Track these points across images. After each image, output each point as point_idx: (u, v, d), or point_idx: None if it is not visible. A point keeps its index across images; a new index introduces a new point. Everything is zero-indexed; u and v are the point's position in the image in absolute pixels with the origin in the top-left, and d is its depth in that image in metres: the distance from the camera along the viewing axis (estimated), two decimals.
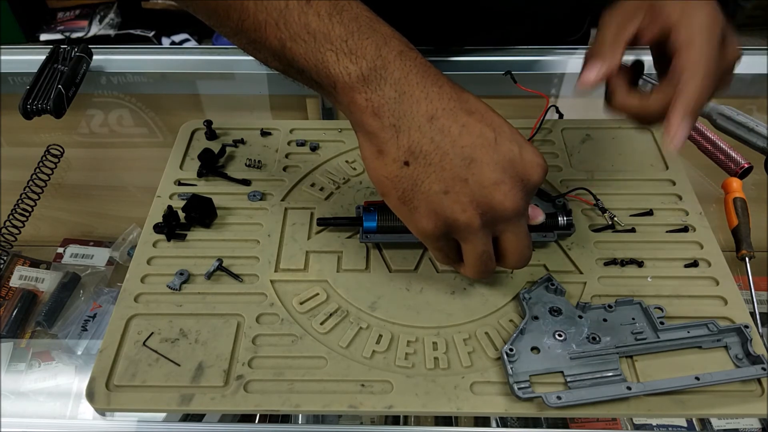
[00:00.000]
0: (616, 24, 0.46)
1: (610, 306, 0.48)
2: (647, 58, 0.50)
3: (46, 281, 0.60)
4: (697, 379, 0.44)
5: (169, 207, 0.55)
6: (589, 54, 0.47)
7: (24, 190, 0.64)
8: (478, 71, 0.78)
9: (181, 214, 0.56)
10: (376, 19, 0.40)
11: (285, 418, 0.53)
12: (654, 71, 0.49)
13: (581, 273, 0.52)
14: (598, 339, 0.46)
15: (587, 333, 0.47)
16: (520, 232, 0.43)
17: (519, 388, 0.44)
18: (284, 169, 0.61)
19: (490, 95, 0.78)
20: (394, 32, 0.40)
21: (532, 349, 0.46)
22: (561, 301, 0.49)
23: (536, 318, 0.48)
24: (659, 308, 0.48)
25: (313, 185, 0.60)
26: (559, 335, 0.47)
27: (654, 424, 0.63)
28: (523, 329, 0.47)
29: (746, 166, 0.60)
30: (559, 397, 0.43)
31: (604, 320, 0.48)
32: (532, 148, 0.41)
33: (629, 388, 0.43)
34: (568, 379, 0.44)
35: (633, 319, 0.48)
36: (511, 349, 0.45)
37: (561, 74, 0.78)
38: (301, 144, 0.64)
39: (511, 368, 0.45)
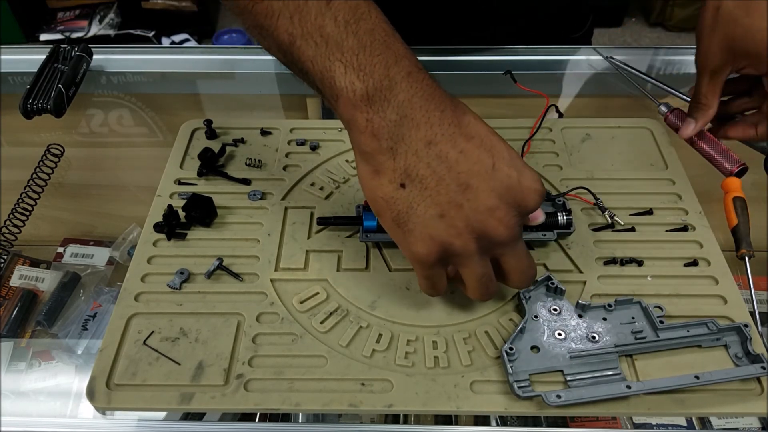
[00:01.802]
0: (709, 72, 0.54)
1: (609, 305, 0.48)
2: None
3: (46, 281, 0.60)
4: (697, 377, 0.44)
5: (170, 206, 0.55)
6: (691, 104, 0.57)
7: (24, 189, 0.64)
8: (478, 71, 0.78)
9: (182, 214, 0.56)
10: (392, 33, 0.39)
11: (285, 417, 0.53)
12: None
13: (581, 272, 0.52)
14: (597, 338, 0.46)
15: (587, 332, 0.47)
16: (519, 253, 0.43)
17: (519, 387, 0.44)
18: (284, 168, 0.61)
19: (490, 95, 0.78)
20: (407, 51, 0.40)
21: (532, 348, 0.46)
22: (561, 301, 0.49)
23: (536, 317, 0.48)
24: (659, 307, 0.48)
25: (313, 185, 0.60)
26: (559, 334, 0.47)
27: (654, 423, 0.63)
28: (523, 328, 0.47)
29: (742, 166, 0.60)
30: (558, 396, 0.43)
31: (604, 319, 0.48)
32: (531, 173, 0.41)
33: (629, 387, 0.43)
34: (568, 378, 0.45)
35: (633, 318, 0.48)
36: (510, 348, 0.45)
37: (561, 74, 0.78)
38: (301, 143, 0.64)
39: (511, 367, 0.45)
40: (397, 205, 0.40)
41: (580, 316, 0.48)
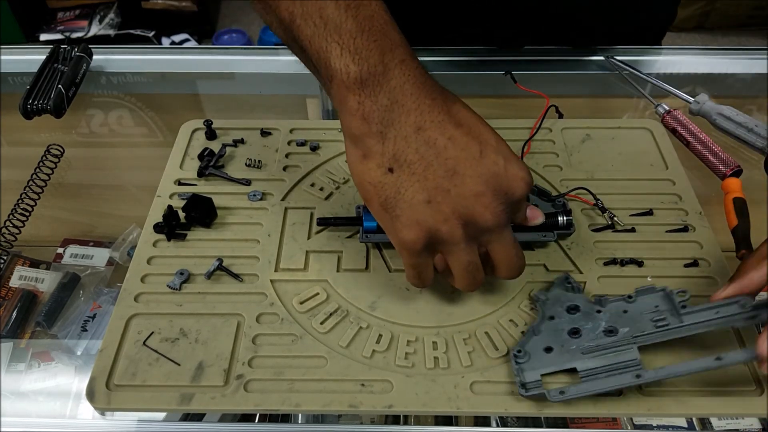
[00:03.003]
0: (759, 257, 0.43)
1: (630, 297, 0.46)
2: None
3: (45, 281, 0.60)
4: (719, 359, 0.41)
5: (169, 207, 0.55)
6: (737, 271, 0.44)
7: (24, 190, 0.64)
8: (479, 71, 0.78)
9: (181, 214, 0.56)
10: (390, 22, 0.40)
11: (285, 418, 0.53)
12: None
13: (581, 273, 0.52)
14: (615, 331, 0.44)
15: (604, 327, 0.45)
16: (506, 242, 0.43)
17: (522, 386, 0.43)
18: (284, 168, 0.61)
19: (490, 95, 0.78)
20: (403, 40, 0.40)
21: (546, 349, 0.45)
22: (579, 299, 0.48)
23: (552, 318, 0.47)
24: (683, 292, 0.45)
25: (313, 185, 0.60)
26: (575, 332, 0.45)
27: (654, 424, 0.63)
28: (537, 329, 0.46)
29: (736, 168, 0.60)
30: (562, 392, 0.42)
31: (624, 312, 0.45)
32: (518, 162, 0.41)
33: (638, 376, 0.42)
34: (582, 375, 0.43)
35: (656, 306, 0.45)
36: (519, 351, 0.45)
37: (561, 74, 0.78)
38: (301, 144, 0.64)
39: (518, 369, 0.44)
40: (385, 190, 0.41)
41: (598, 311, 0.46)
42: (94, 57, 0.77)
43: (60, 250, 0.63)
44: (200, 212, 0.55)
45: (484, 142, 0.40)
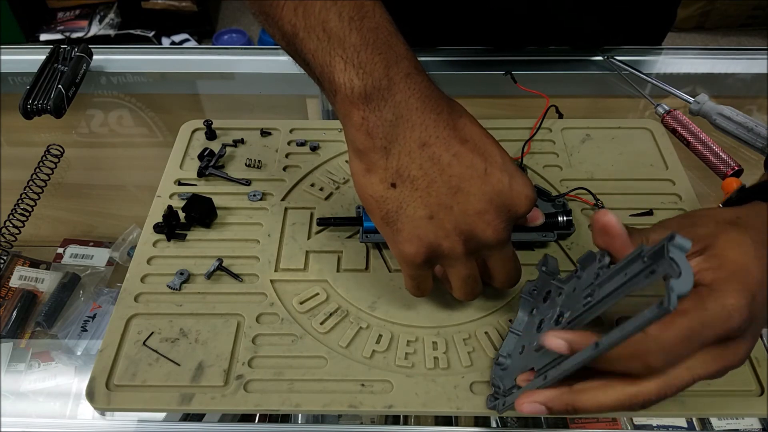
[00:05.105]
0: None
1: (576, 271, 0.40)
2: None
3: (45, 281, 0.60)
4: (597, 345, 0.33)
5: (169, 207, 0.55)
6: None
7: (24, 190, 0.64)
8: (479, 71, 0.78)
9: (181, 214, 0.56)
10: (395, 33, 0.39)
11: (285, 418, 0.53)
12: None
13: None
14: (562, 318, 0.39)
15: (558, 314, 0.40)
16: (505, 256, 0.43)
17: (488, 396, 0.43)
18: (284, 169, 0.61)
19: (490, 95, 0.78)
20: (408, 51, 0.40)
21: (521, 350, 0.44)
22: (550, 284, 0.44)
23: (532, 311, 0.45)
24: (602, 254, 0.37)
25: (313, 185, 0.60)
26: (539, 326, 0.42)
27: (654, 424, 0.63)
28: (516, 329, 0.46)
29: (737, 168, 0.60)
30: (504, 403, 0.41)
31: (574, 290, 0.40)
32: (523, 178, 0.41)
33: (545, 378, 0.36)
34: (536, 374, 0.39)
35: (596, 277, 0.37)
36: (497, 357, 0.44)
37: (561, 74, 0.78)
38: (301, 144, 0.64)
39: (493, 378, 0.44)
40: (387, 205, 0.40)
41: (560, 294, 0.42)
42: (94, 57, 0.77)
43: (60, 250, 0.63)
44: (200, 212, 0.55)
45: (490, 158, 0.40)
